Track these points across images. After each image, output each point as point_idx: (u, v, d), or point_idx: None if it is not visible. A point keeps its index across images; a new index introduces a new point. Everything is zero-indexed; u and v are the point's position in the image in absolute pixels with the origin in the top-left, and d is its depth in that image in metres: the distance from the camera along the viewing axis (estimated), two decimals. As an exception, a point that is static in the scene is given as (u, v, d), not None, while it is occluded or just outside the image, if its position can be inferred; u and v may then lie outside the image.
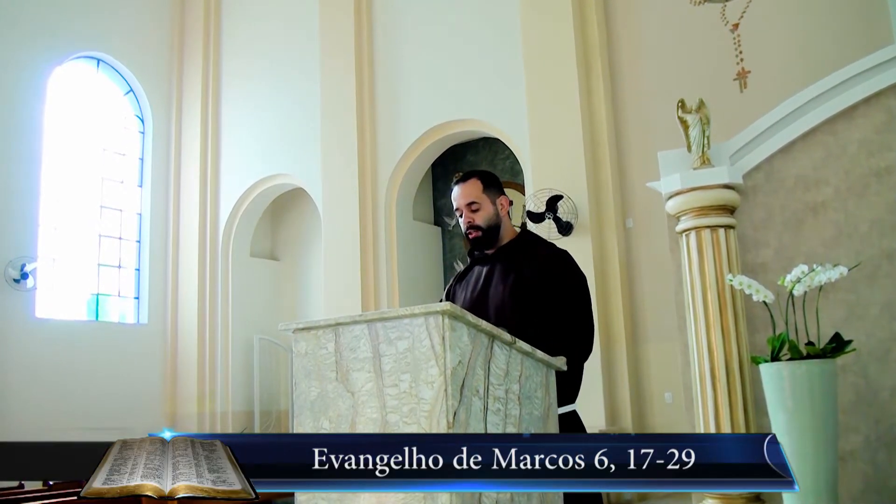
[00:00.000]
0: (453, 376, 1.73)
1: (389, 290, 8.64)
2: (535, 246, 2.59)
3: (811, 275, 3.38)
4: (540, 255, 2.54)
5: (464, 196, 2.56)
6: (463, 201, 2.56)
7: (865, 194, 4.21)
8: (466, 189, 2.57)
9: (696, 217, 4.34)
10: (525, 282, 2.46)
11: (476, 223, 2.55)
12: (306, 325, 1.98)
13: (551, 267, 2.49)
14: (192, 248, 10.50)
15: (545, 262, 2.51)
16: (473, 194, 2.56)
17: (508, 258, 2.55)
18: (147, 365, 10.14)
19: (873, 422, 3.98)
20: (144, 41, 10.77)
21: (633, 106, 7.54)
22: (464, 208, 2.56)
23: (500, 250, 2.58)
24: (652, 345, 7.14)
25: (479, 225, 2.55)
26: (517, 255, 2.55)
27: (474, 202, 2.55)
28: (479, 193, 2.56)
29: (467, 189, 2.57)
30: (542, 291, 2.44)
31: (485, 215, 2.56)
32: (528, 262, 2.51)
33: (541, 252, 2.56)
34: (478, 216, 2.55)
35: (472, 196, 2.55)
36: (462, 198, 2.57)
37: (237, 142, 10.45)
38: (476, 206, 2.55)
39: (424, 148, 8.78)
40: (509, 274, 2.49)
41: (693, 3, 7.28)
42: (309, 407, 1.94)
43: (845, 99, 4.29)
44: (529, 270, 2.48)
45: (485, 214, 2.56)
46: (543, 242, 2.64)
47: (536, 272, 2.47)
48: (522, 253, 2.55)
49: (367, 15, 9.22)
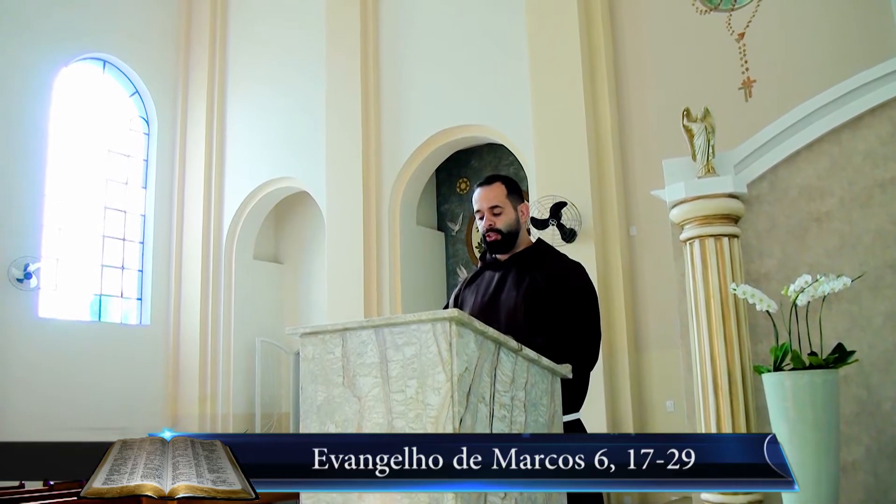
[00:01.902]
0: (460, 382, 1.74)
1: (392, 294, 8.64)
2: (550, 256, 2.61)
3: (815, 285, 3.37)
4: (553, 266, 2.56)
5: (487, 199, 2.58)
6: (486, 204, 2.58)
7: (870, 205, 4.20)
8: (491, 192, 2.58)
9: (700, 226, 4.33)
10: (537, 290, 2.47)
11: (497, 226, 2.57)
12: (314, 329, 1.99)
13: (564, 277, 2.51)
14: (195, 249, 10.52)
15: (558, 272, 2.53)
16: (498, 198, 2.57)
17: (522, 266, 2.56)
18: (149, 366, 10.15)
19: (875, 433, 3.98)
20: (150, 43, 10.80)
21: (638, 113, 7.55)
22: (486, 211, 2.58)
23: (514, 257, 2.60)
24: (654, 353, 7.13)
25: (499, 228, 2.57)
26: (531, 264, 2.56)
27: (497, 206, 2.57)
28: (503, 198, 2.58)
29: (492, 192, 2.58)
30: (553, 301, 2.45)
31: (506, 220, 2.58)
32: (542, 271, 2.52)
33: (554, 262, 2.58)
34: (499, 220, 2.57)
35: (496, 200, 2.57)
36: (485, 200, 2.58)
37: (242, 144, 10.47)
38: (499, 210, 2.57)
39: (429, 153, 8.79)
40: (522, 281, 2.51)
41: (699, 11, 7.30)
42: (315, 411, 1.95)
43: (851, 109, 4.29)
44: (542, 279, 2.50)
45: (506, 219, 2.58)
46: (557, 253, 2.66)
47: (549, 281, 2.49)
48: (536, 262, 2.57)
49: (373, 19, 9.24)
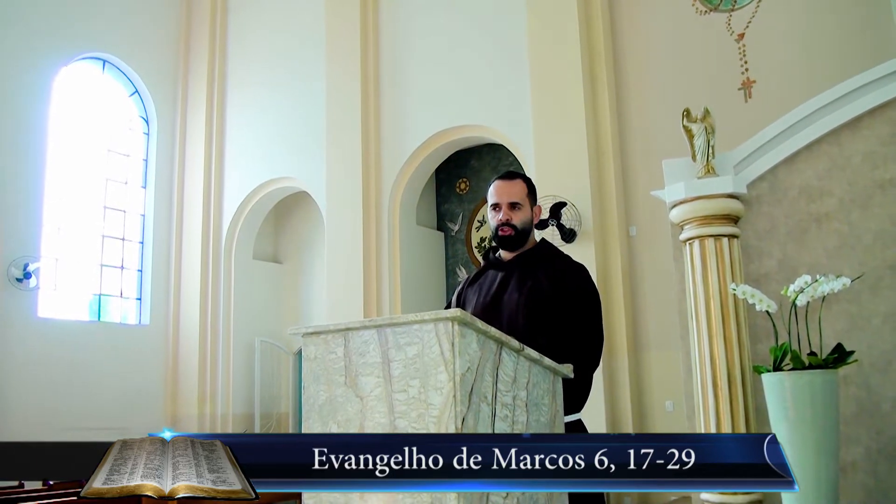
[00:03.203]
0: (462, 382, 1.74)
1: (392, 294, 8.64)
2: (553, 257, 2.62)
3: (814, 285, 3.38)
4: (557, 267, 2.57)
5: (509, 194, 2.59)
6: (506, 199, 2.58)
7: (869, 206, 4.21)
8: (513, 188, 2.60)
9: (700, 226, 4.34)
10: (540, 291, 2.48)
11: (513, 222, 2.58)
12: (316, 329, 1.99)
13: (567, 279, 2.52)
14: (194, 249, 10.51)
15: (561, 273, 2.54)
16: (518, 195, 2.59)
17: (526, 266, 2.57)
18: (148, 366, 10.15)
19: (875, 433, 3.99)
20: (150, 42, 10.80)
21: (638, 114, 7.55)
22: (505, 205, 2.58)
23: (518, 257, 2.61)
24: (654, 353, 7.14)
25: (515, 224, 2.58)
26: (535, 264, 2.57)
27: (517, 202, 2.58)
28: (524, 196, 2.60)
29: (514, 188, 2.60)
30: (555, 302, 2.47)
31: (523, 217, 2.59)
32: (545, 271, 2.53)
33: (558, 264, 2.59)
34: (516, 216, 2.58)
35: (517, 196, 2.59)
36: (506, 195, 2.59)
37: (241, 144, 10.46)
38: (519, 207, 2.58)
39: (428, 153, 8.78)
40: (526, 282, 2.52)
41: (699, 12, 7.30)
42: (317, 411, 1.95)
43: (850, 110, 4.30)
44: (546, 280, 2.51)
45: (523, 217, 2.59)
46: (561, 255, 2.67)
47: (552, 282, 2.50)
48: (540, 262, 2.58)
49: (373, 19, 9.24)
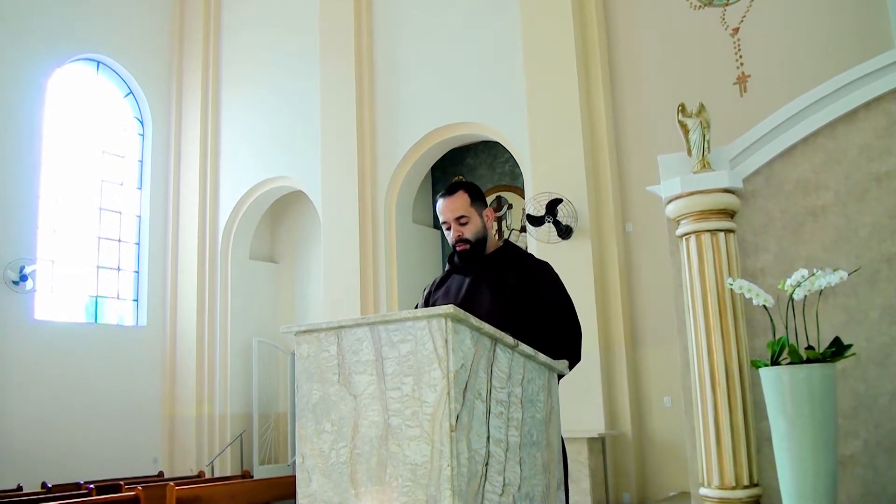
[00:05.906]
0: (456, 379, 1.73)
1: (388, 293, 8.63)
2: (518, 258, 2.62)
3: (811, 279, 3.37)
4: (523, 266, 2.57)
5: (452, 210, 2.55)
6: (451, 215, 2.55)
7: (865, 199, 4.20)
8: (454, 203, 2.56)
9: (696, 221, 4.33)
10: (512, 291, 2.48)
11: (465, 236, 2.55)
12: (308, 327, 1.97)
13: (535, 277, 2.53)
14: (191, 250, 10.49)
15: (527, 269, 2.55)
16: (462, 208, 2.55)
17: (493, 268, 2.56)
18: (146, 367, 10.14)
19: (873, 426, 3.98)
20: (144, 43, 10.77)
21: (633, 109, 7.55)
22: (452, 222, 2.55)
23: (483, 260, 2.59)
24: (651, 349, 7.14)
25: (468, 238, 2.55)
26: (501, 266, 2.56)
27: (463, 216, 2.55)
28: (468, 207, 2.56)
29: (455, 203, 2.55)
30: (528, 295, 2.47)
31: (473, 228, 2.56)
32: (513, 272, 2.54)
33: (523, 261, 2.60)
34: (466, 229, 2.55)
35: (460, 210, 2.55)
36: (450, 211, 2.55)
37: (237, 144, 10.45)
38: (465, 220, 2.55)
39: (424, 151, 8.78)
40: (496, 283, 2.51)
41: (693, 7, 7.29)
42: (311, 410, 1.94)
43: (846, 103, 4.29)
44: (514, 280, 2.51)
45: (473, 228, 2.56)
46: (525, 254, 2.68)
47: (521, 279, 2.51)
48: (507, 263, 2.57)
49: (366, 18, 9.23)
